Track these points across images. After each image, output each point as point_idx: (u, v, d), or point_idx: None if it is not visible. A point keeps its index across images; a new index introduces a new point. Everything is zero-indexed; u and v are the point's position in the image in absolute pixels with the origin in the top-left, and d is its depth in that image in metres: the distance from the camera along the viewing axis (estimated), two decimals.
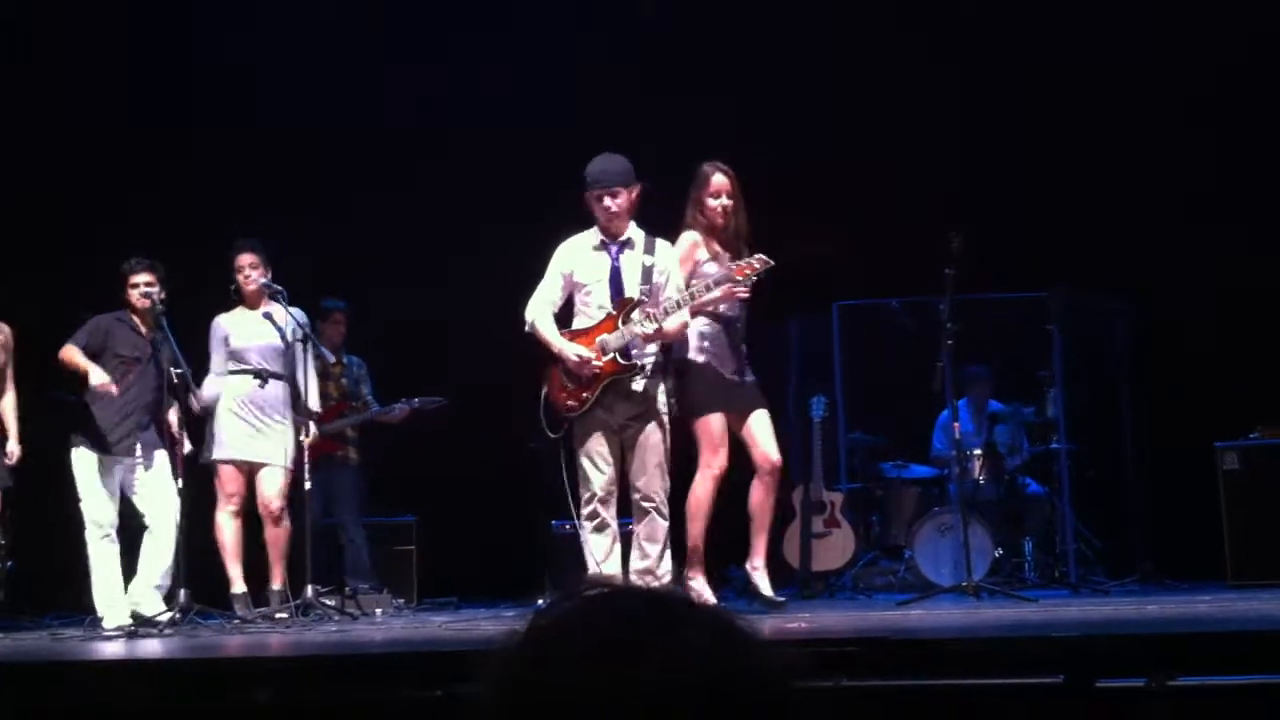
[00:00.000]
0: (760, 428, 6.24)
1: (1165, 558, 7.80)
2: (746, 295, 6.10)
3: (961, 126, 8.78)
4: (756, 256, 6.04)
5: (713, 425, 6.13)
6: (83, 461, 7.11)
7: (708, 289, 6.03)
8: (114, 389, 6.96)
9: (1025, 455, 8.66)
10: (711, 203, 6.23)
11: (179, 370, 6.94)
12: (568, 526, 6.36)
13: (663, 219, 6.29)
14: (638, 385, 6.03)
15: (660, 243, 6.16)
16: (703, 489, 6.13)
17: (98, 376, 6.93)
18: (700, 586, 6.15)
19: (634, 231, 6.15)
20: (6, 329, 7.13)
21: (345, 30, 9.31)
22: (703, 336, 6.18)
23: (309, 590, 7.04)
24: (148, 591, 7.01)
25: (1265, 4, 8.39)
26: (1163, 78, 8.51)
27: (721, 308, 6.17)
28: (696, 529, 6.13)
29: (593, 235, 6.18)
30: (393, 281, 9.04)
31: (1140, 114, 8.62)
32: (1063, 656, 3.53)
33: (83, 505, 7.10)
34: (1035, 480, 8.57)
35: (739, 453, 6.24)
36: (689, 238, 6.23)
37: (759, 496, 6.27)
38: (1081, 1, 8.82)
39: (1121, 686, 3.25)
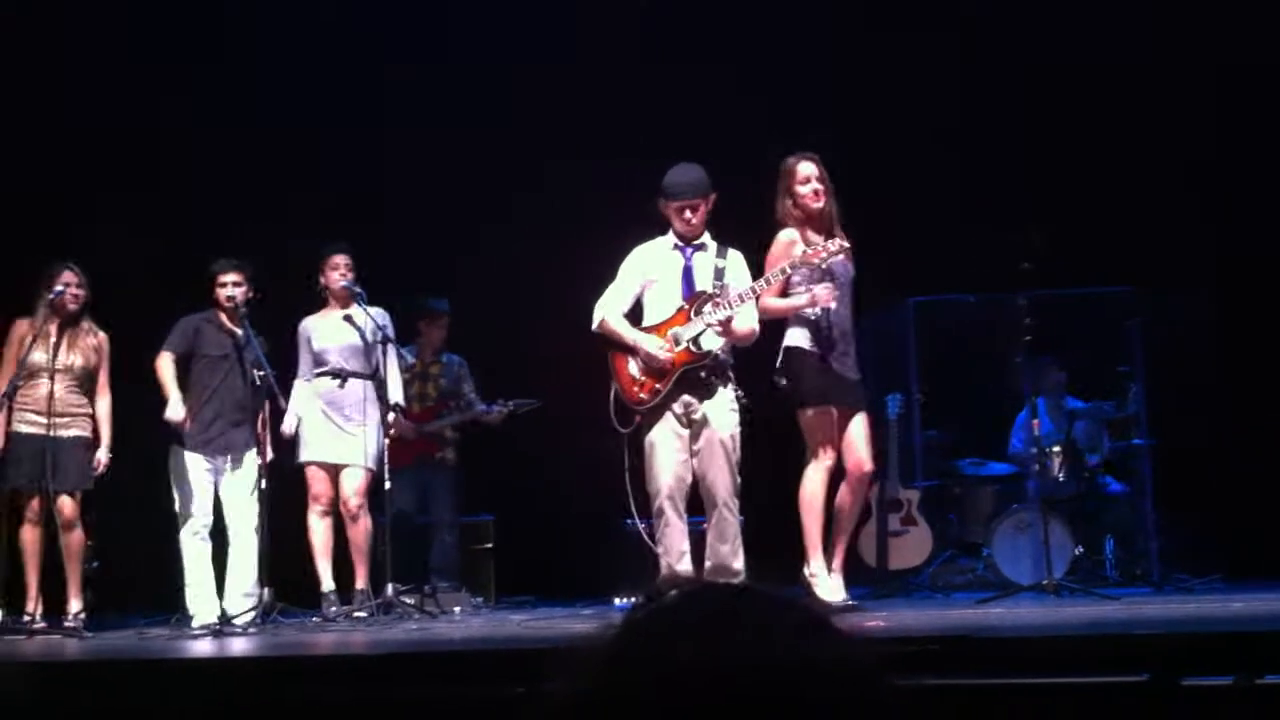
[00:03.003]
0: (858, 432, 6.17)
1: (1248, 555, 7.68)
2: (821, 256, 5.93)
3: (1028, 124, 8.68)
4: (832, 240, 5.98)
5: (824, 420, 6.08)
6: (178, 459, 7.22)
7: (783, 272, 5.98)
8: (187, 424, 7.11)
9: (1105, 452, 8.56)
10: (802, 190, 6.16)
11: (262, 373, 7.02)
12: (639, 525, 6.33)
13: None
14: (708, 378, 6.02)
15: (733, 251, 6.19)
16: (814, 482, 6.06)
17: (173, 410, 7.09)
18: (818, 579, 6.07)
19: (707, 238, 6.19)
20: (103, 335, 7.21)
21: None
22: (811, 326, 6.10)
23: (389, 589, 7.11)
24: (237, 599, 7.07)
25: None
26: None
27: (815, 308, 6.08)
28: (810, 522, 6.06)
29: (668, 239, 6.23)
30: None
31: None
32: (1147, 655, 3.49)
33: (176, 503, 7.20)
34: (1115, 477, 8.47)
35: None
36: (786, 235, 6.14)
37: (846, 499, 6.20)
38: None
39: (1207, 685, 3.21)
